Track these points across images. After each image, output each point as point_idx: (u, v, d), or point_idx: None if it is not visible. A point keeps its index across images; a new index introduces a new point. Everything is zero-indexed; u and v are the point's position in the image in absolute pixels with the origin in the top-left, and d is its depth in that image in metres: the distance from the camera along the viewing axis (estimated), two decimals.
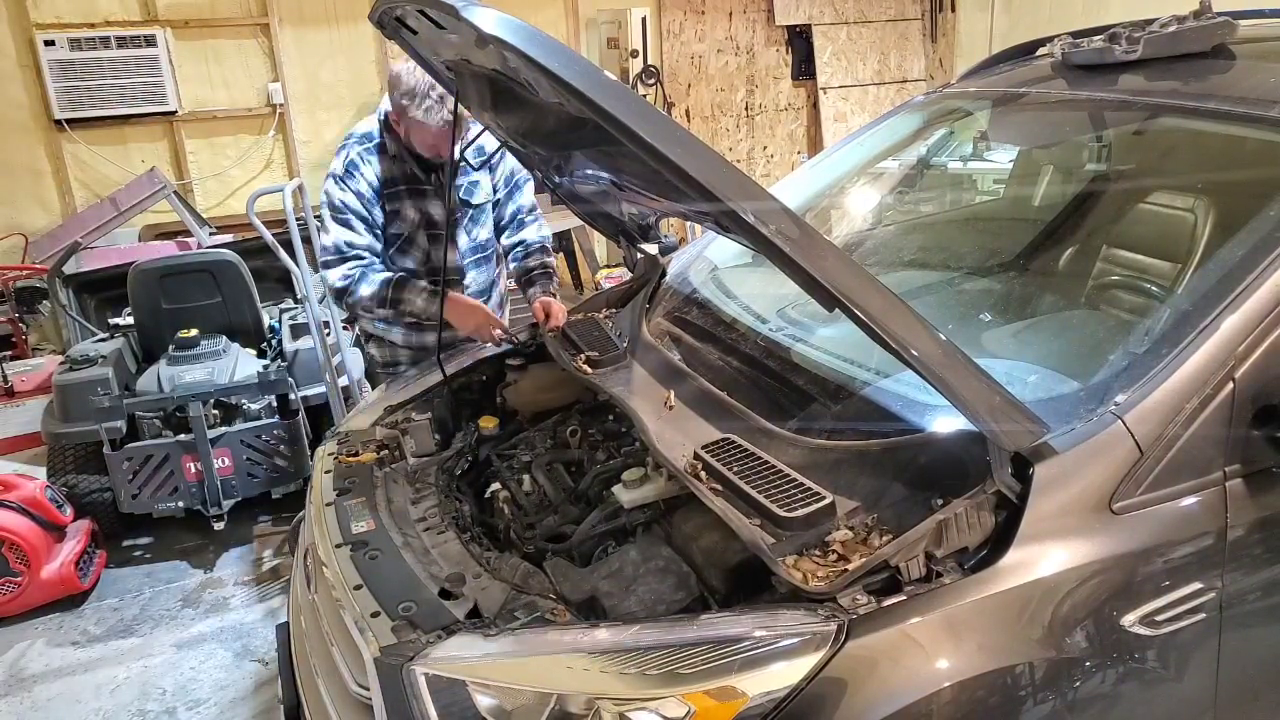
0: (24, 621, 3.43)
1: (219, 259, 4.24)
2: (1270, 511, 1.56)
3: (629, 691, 1.36)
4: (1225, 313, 1.54)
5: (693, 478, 1.69)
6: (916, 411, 1.69)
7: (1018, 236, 2.64)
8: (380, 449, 2.25)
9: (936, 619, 1.39)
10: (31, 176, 6.00)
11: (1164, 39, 2.10)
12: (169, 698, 2.99)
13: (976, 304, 2.36)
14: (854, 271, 1.36)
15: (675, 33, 7.53)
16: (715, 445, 1.75)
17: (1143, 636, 1.48)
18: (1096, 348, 1.86)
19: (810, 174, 3.13)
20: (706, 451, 1.73)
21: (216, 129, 6.38)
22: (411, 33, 1.95)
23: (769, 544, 1.49)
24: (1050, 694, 1.43)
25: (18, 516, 3.41)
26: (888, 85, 8.10)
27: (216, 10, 6.22)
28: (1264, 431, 1.52)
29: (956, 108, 2.85)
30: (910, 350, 1.33)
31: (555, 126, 1.82)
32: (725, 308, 2.32)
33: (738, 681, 1.34)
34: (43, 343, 5.71)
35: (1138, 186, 2.36)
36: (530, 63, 1.35)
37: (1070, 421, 1.50)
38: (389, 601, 1.64)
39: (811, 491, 1.56)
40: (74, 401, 3.64)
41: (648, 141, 1.29)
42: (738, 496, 1.60)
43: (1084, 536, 1.45)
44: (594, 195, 2.39)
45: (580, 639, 1.46)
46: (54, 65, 5.79)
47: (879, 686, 1.36)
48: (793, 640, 1.36)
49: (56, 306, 4.67)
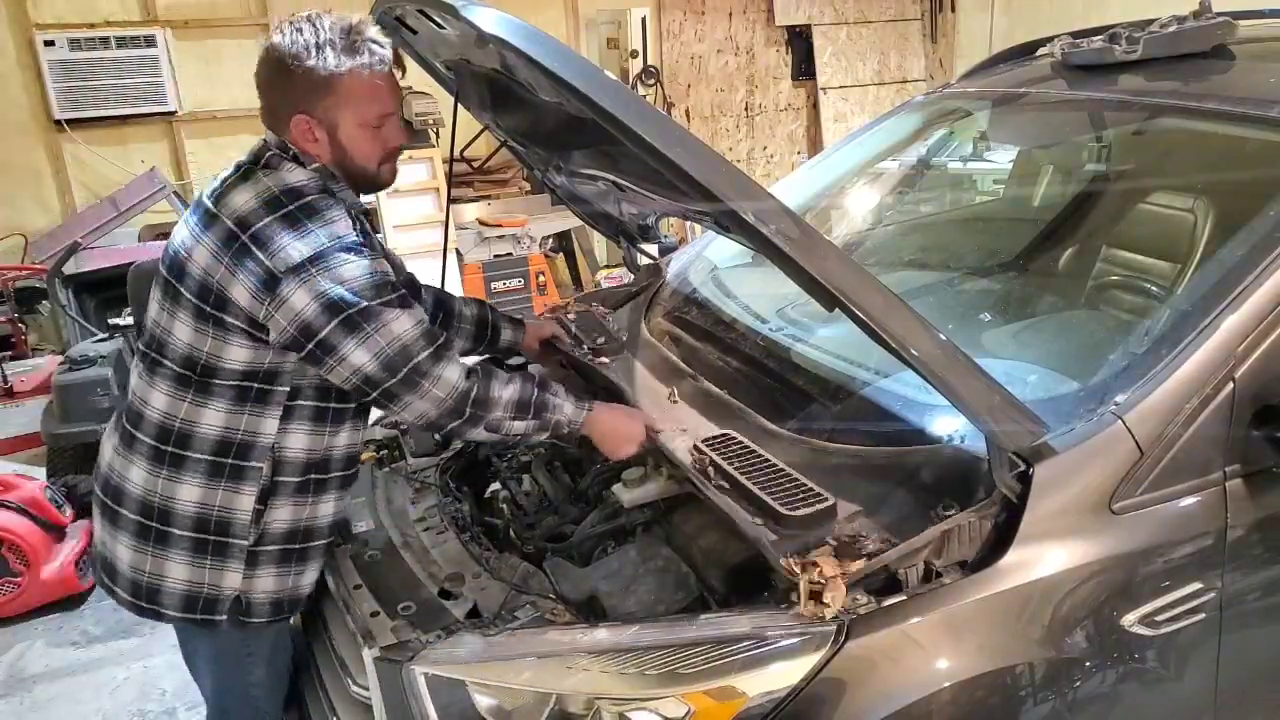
0: (24, 622, 3.42)
1: None
2: (1270, 511, 1.56)
3: (629, 691, 1.36)
4: (1225, 313, 1.54)
5: (694, 470, 1.68)
6: (917, 412, 1.69)
7: (1018, 237, 2.64)
8: (380, 449, 2.25)
9: (936, 619, 1.39)
10: (31, 177, 5.99)
11: (1164, 39, 2.10)
12: (169, 698, 2.99)
13: (976, 304, 2.36)
14: (854, 271, 1.36)
15: (675, 33, 7.53)
16: (716, 439, 1.74)
17: (1142, 636, 1.48)
18: (1096, 348, 1.86)
19: (810, 174, 3.13)
20: (707, 445, 1.72)
21: (216, 129, 6.37)
22: (411, 32, 1.95)
23: (771, 541, 1.49)
24: (1050, 694, 1.43)
25: (18, 517, 3.40)
26: (888, 85, 8.10)
27: (216, 10, 6.21)
28: (1264, 431, 1.52)
29: (956, 108, 2.85)
30: (910, 350, 1.33)
31: (555, 126, 1.82)
32: (725, 307, 2.32)
33: (737, 681, 1.34)
34: (42, 343, 5.70)
35: (1138, 187, 2.36)
36: (530, 62, 1.35)
37: (1070, 421, 1.50)
38: (388, 601, 1.64)
39: (813, 492, 1.55)
40: (74, 401, 3.64)
41: (648, 141, 1.29)
42: (738, 492, 1.60)
43: (1084, 536, 1.45)
44: (594, 195, 2.39)
45: (580, 639, 1.46)
46: (54, 65, 5.78)
47: (879, 687, 1.36)
48: (793, 640, 1.36)
49: (56, 306, 4.67)
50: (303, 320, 1.57)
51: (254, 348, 1.62)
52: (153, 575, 1.68)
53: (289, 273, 1.56)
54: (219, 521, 1.67)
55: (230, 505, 1.67)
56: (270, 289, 1.56)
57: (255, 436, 1.66)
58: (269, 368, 1.65)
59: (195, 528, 1.66)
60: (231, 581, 1.68)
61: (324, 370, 1.63)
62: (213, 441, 1.66)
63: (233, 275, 1.58)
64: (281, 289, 1.56)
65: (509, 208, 6.19)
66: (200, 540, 1.66)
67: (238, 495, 1.67)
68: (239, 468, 1.66)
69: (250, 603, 1.70)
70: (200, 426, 1.65)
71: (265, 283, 1.56)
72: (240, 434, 1.66)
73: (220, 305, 1.60)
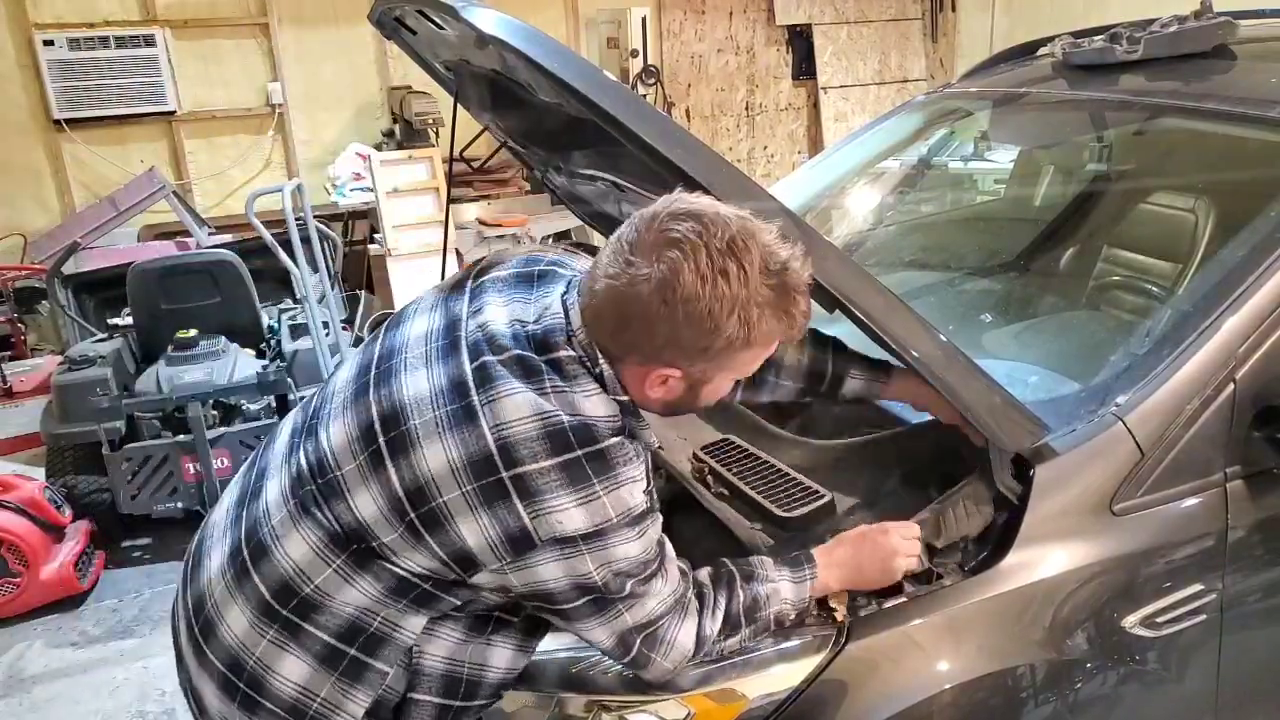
0: (23, 622, 3.42)
1: (218, 259, 4.23)
2: (1271, 513, 1.56)
3: (629, 693, 1.36)
4: (1226, 313, 1.54)
5: (693, 479, 1.69)
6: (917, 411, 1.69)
7: (1018, 237, 2.64)
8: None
9: (937, 620, 1.38)
10: (31, 176, 5.99)
11: (1164, 39, 2.09)
12: (168, 698, 2.99)
13: (977, 304, 2.36)
14: (855, 272, 1.36)
15: (675, 33, 7.53)
16: (715, 446, 1.75)
17: (1143, 638, 1.48)
18: (1097, 348, 1.86)
19: (810, 174, 3.12)
20: (706, 452, 1.73)
21: (216, 129, 6.37)
22: (411, 33, 1.94)
23: (768, 547, 1.49)
24: (1051, 695, 1.43)
25: (17, 517, 3.40)
26: (888, 85, 8.10)
27: (216, 10, 6.21)
28: (1265, 432, 1.52)
29: (957, 108, 2.85)
30: (911, 351, 1.33)
31: (555, 126, 1.82)
32: None
33: (738, 683, 1.34)
34: (42, 343, 5.70)
35: (1138, 187, 2.36)
36: (530, 63, 1.35)
37: (1071, 422, 1.50)
38: None
39: (811, 490, 1.56)
40: (73, 402, 3.64)
41: (648, 141, 1.29)
42: (737, 498, 1.61)
43: (1085, 538, 1.45)
44: (594, 195, 2.38)
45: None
46: (53, 65, 5.78)
47: (879, 688, 1.36)
48: (793, 642, 1.36)
49: (55, 306, 4.66)
50: (544, 591, 1.21)
51: (450, 575, 1.23)
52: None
53: (552, 543, 1.18)
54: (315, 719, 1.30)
55: (336, 705, 1.29)
56: (518, 551, 1.18)
57: (394, 630, 1.28)
58: (457, 594, 1.28)
59: (289, 712, 1.29)
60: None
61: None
62: (343, 621, 1.27)
63: (470, 510, 1.18)
64: (533, 556, 1.18)
65: (509, 208, 6.19)
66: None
67: (347, 699, 1.29)
68: (360, 664, 1.28)
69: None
70: (335, 601, 1.26)
71: (514, 542, 1.18)
72: (378, 622, 1.27)
73: (431, 524, 1.20)
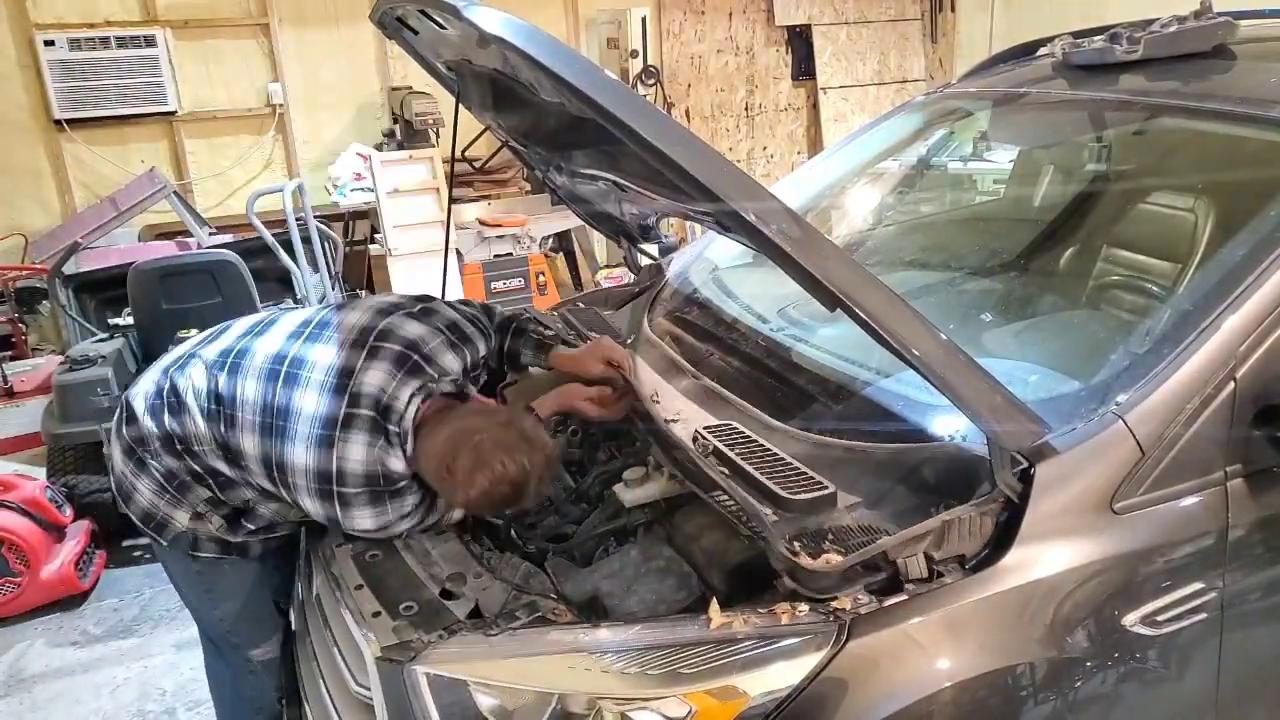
0: (24, 622, 3.43)
1: (219, 259, 4.23)
2: (1271, 511, 1.56)
3: (630, 691, 1.36)
4: (1226, 312, 1.54)
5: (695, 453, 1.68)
6: (918, 411, 1.69)
7: (1018, 236, 2.64)
8: None
9: (937, 619, 1.39)
10: (31, 177, 6.00)
11: (1164, 39, 2.09)
12: (169, 698, 2.99)
13: (977, 304, 2.36)
14: (855, 271, 1.36)
15: (675, 33, 7.53)
16: (717, 427, 1.75)
17: (1144, 636, 1.48)
18: (1097, 347, 1.86)
19: (811, 174, 3.13)
20: (709, 431, 1.72)
21: (216, 129, 6.37)
22: (412, 33, 1.95)
23: (771, 521, 1.48)
24: (1051, 694, 1.43)
25: (17, 517, 3.40)
26: (888, 85, 8.10)
27: (216, 10, 6.21)
28: (1265, 431, 1.52)
29: (956, 108, 2.85)
30: (911, 350, 1.33)
31: (556, 126, 1.82)
32: (726, 308, 2.32)
33: (739, 681, 1.34)
34: (42, 343, 5.71)
35: (1138, 186, 2.36)
36: (531, 62, 1.35)
37: (1071, 421, 1.50)
38: (390, 602, 1.64)
39: (813, 479, 1.56)
40: (74, 401, 3.64)
41: (649, 141, 1.29)
42: (738, 476, 1.60)
43: (1085, 536, 1.45)
44: (595, 195, 2.39)
45: (581, 639, 1.46)
46: (54, 65, 5.79)
47: (880, 686, 1.36)
48: (794, 640, 1.36)
49: (56, 307, 4.66)
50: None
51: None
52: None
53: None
54: None
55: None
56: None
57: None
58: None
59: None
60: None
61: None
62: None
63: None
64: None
65: (509, 208, 6.19)
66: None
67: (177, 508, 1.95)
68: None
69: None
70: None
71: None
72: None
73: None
